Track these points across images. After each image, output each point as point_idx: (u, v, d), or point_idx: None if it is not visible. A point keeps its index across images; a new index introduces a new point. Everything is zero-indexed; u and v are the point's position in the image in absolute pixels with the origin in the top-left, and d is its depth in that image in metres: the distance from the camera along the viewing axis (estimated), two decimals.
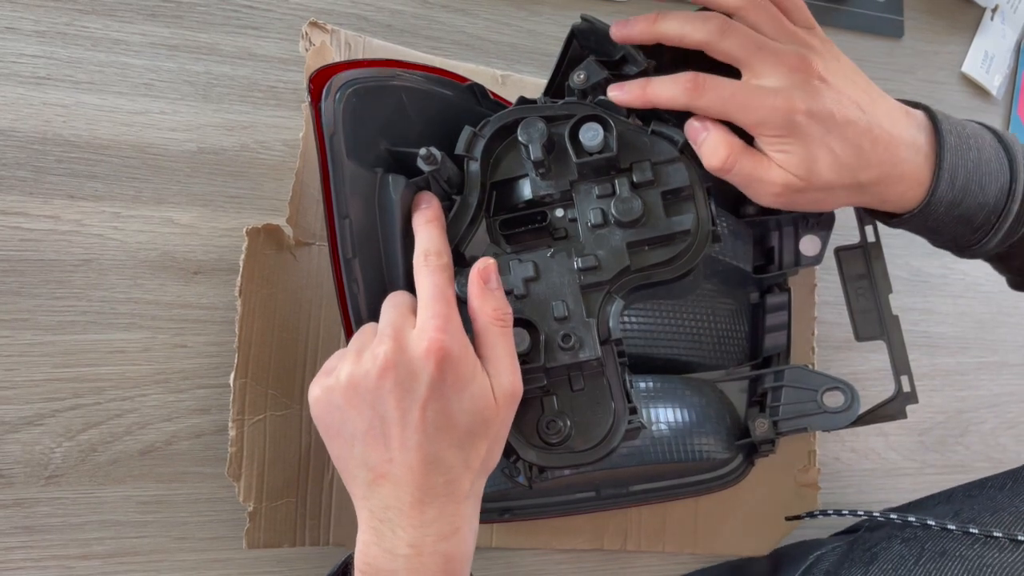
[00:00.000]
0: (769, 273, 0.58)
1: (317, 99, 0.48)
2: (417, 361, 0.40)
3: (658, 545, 0.61)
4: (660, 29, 0.46)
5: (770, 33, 0.46)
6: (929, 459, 0.74)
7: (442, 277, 0.43)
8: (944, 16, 0.80)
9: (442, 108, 0.50)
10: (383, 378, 0.39)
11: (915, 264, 0.75)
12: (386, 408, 0.39)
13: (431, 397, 0.39)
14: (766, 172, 0.46)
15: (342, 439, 0.41)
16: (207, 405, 0.54)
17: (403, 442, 0.39)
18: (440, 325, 0.40)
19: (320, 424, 0.42)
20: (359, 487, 0.41)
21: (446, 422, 0.40)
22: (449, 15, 0.63)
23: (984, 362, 0.77)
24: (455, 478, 0.40)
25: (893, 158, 0.46)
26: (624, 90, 0.47)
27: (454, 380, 0.40)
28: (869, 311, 0.56)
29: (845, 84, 0.46)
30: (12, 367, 0.51)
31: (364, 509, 0.41)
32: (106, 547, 0.52)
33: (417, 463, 0.39)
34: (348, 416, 0.40)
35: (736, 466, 0.55)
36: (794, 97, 0.44)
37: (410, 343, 0.40)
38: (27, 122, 0.53)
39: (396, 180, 0.49)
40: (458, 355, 0.40)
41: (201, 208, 0.55)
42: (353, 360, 0.41)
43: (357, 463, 0.41)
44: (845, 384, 0.54)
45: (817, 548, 0.59)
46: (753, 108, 0.44)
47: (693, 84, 0.45)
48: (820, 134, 0.44)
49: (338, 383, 0.41)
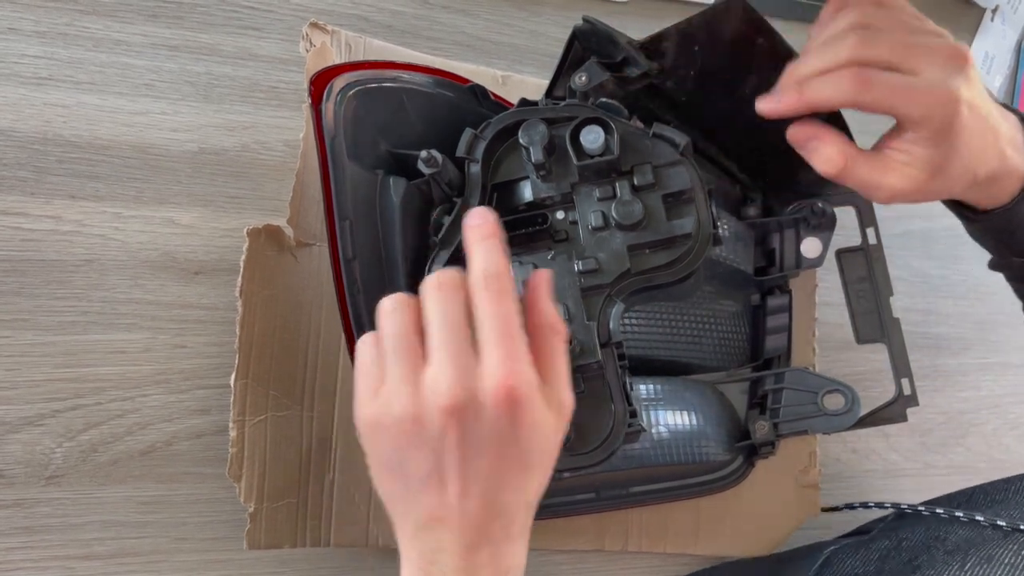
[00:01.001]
0: (770, 275, 0.58)
1: (318, 101, 0.48)
2: (487, 407, 0.36)
3: (659, 546, 0.61)
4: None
5: (901, 30, 0.44)
6: (931, 460, 0.74)
7: (509, 305, 0.38)
8: (944, 17, 0.80)
9: (443, 109, 0.50)
10: (447, 423, 0.36)
11: (916, 265, 0.75)
12: (448, 454, 0.36)
13: (499, 446, 0.37)
14: (882, 177, 0.44)
15: (396, 477, 0.38)
16: (208, 406, 0.54)
17: (464, 490, 0.37)
18: (514, 368, 0.36)
19: (372, 456, 0.39)
20: (409, 526, 0.38)
21: (511, 468, 0.37)
22: (450, 16, 0.63)
23: (986, 363, 0.77)
24: (512, 520, 0.38)
25: (1004, 154, 0.46)
26: (777, 99, 0.44)
27: (525, 425, 0.37)
28: (870, 313, 0.56)
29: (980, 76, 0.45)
30: (13, 367, 0.51)
31: (412, 549, 0.38)
32: (106, 547, 0.52)
33: (477, 510, 0.37)
34: (407, 456, 0.37)
35: (736, 468, 0.55)
36: (960, 88, 0.43)
37: (479, 383, 0.36)
38: (28, 122, 0.53)
39: (397, 182, 0.49)
40: (529, 398, 0.37)
41: (202, 208, 0.55)
42: (408, 389, 0.37)
43: (410, 504, 0.38)
44: (845, 386, 0.54)
45: (827, 546, 0.59)
46: (921, 102, 0.42)
47: (859, 79, 0.42)
48: (973, 128, 0.43)
49: (393, 418, 0.37)
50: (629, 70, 0.48)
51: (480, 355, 0.37)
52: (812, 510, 0.63)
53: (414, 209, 0.49)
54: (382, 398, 0.38)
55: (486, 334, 0.37)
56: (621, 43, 0.48)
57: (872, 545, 0.54)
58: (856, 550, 0.54)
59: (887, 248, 0.57)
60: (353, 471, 0.53)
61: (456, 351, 0.37)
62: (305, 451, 0.53)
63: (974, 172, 0.45)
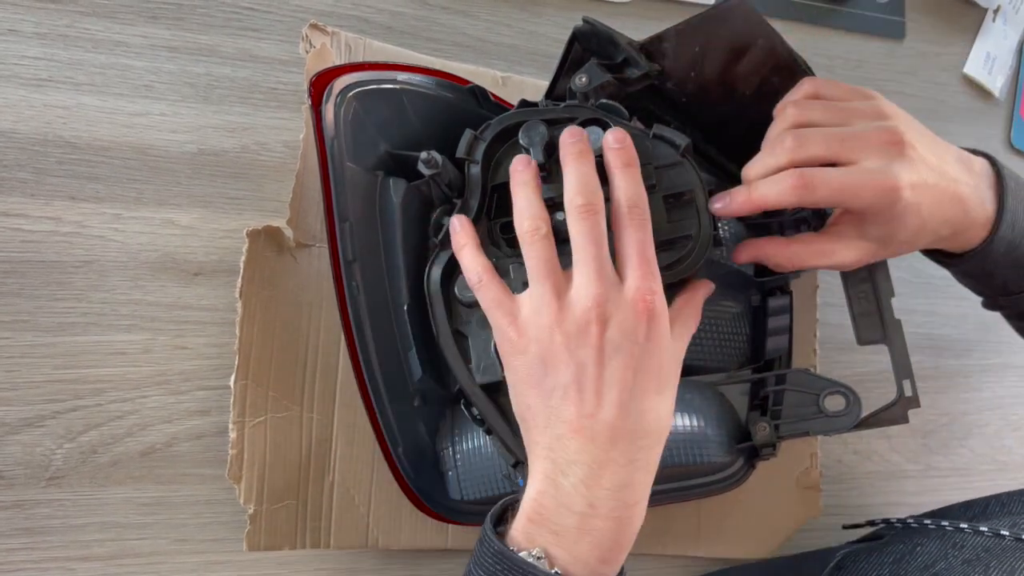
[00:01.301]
0: (771, 276, 0.57)
1: (318, 102, 0.48)
2: (626, 312, 0.40)
3: (660, 547, 0.61)
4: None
5: (838, 121, 0.47)
6: (933, 461, 0.73)
7: (650, 233, 0.43)
8: (945, 17, 0.80)
9: (443, 110, 0.50)
10: (590, 320, 0.40)
11: (918, 266, 0.75)
12: (588, 355, 0.39)
13: (635, 355, 0.40)
14: (834, 254, 0.49)
15: (538, 391, 0.41)
16: (207, 407, 0.54)
17: (601, 397, 0.39)
18: (652, 286, 0.41)
19: (514, 376, 0.42)
20: (546, 437, 0.40)
21: (646, 381, 0.40)
22: (450, 17, 0.63)
23: (988, 364, 0.77)
24: (648, 445, 0.40)
25: (965, 209, 0.48)
26: (727, 201, 0.47)
27: (658, 338, 0.40)
28: (871, 315, 0.56)
29: (924, 145, 0.47)
30: (13, 368, 0.51)
31: (546, 460, 0.40)
32: (106, 549, 0.52)
33: (612, 420, 0.39)
34: (549, 366, 0.40)
35: (737, 469, 0.55)
36: (899, 174, 0.45)
37: (621, 292, 0.41)
38: (28, 124, 0.53)
39: (397, 183, 0.49)
40: (663, 315, 0.41)
41: (202, 210, 0.55)
42: (555, 302, 0.41)
43: (550, 415, 0.40)
44: (847, 388, 0.53)
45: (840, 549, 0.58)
46: (864, 195, 0.45)
47: (801, 182, 0.45)
48: (919, 204, 0.46)
49: (540, 328, 0.41)
50: (629, 71, 0.48)
51: (622, 272, 0.42)
52: (813, 512, 0.63)
53: (414, 210, 0.49)
54: (527, 316, 0.41)
55: (629, 255, 0.42)
56: (621, 44, 0.48)
57: (886, 549, 0.54)
58: (869, 554, 0.54)
59: None
60: (353, 472, 0.53)
61: (600, 266, 0.41)
62: (305, 452, 0.53)
63: (934, 232, 0.48)
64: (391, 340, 0.49)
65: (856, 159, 0.45)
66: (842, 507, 0.69)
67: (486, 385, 0.47)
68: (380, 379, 0.49)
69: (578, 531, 0.39)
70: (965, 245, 0.50)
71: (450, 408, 0.53)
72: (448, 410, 0.53)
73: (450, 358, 0.48)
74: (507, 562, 0.38)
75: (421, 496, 0.51)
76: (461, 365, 0.47)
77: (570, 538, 0.39)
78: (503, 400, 0.47)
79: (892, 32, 0.77)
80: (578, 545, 0.39)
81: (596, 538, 0.39)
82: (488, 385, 0.47)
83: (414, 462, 0.51)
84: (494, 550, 0.39)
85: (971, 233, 0.49)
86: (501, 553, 0.39)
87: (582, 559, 0.39)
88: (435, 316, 0.48)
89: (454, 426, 0.52)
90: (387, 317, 0.49)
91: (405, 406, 0.50)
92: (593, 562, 0.39)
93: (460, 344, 0.48)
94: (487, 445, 0.51)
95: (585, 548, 0.39)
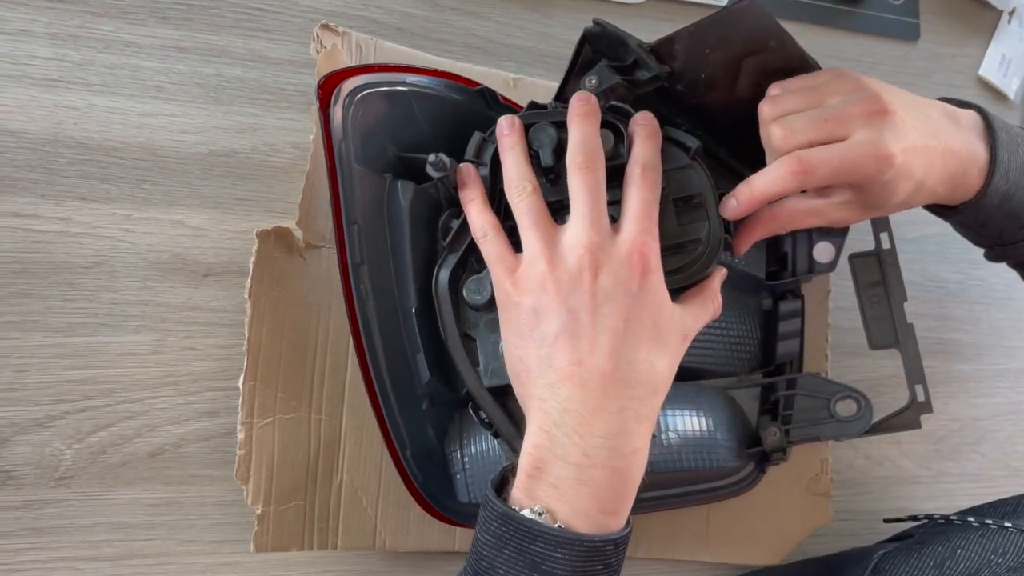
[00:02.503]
0: (782, 279, 0.57)
1: (326, 105, 0.47)
2: (619, 261, 0.40)
3: (669, 552, 0.60)
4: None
5: (814, 103, 0.46)
6: (945, 467, 0.73)
7: (658, 197, 0.43)
8: (960, 19, 0.79)
9: (452, 113, 0.50)
10: (582, 266, 0.40)
11: (931, 270, 0.74)
12: (581, 301, 0.40)
13: (627, 304, 0.40)
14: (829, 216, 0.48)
15: (531, 339, 0.41)
16: (216, 408, 0.54)
17: (594, 343, 0.40)
18: (648, 240, 0.41)
19: (509, 326, 0.43)
20: (538, 388, 0.41)
21: (639, 331, 0.40)
22: (460, 18, 0.63)
23: (1001, 369, 0.76)
24: (640, 396, 0.40)
25: (958, 163, 0.47)
26: (734, 204, 0.46)
27: (651, 291, 0.41)
28: (883, 319, 0.55)
29: (909, 110, 0.46)
30: (22, 368, 0.51)
31: (539, 411, 0.41)
32: (115, 549, 0.52)
33: (605, 366, 0.39)
34: (542, 314, 0.41)
35: (747, 474, 0.55)
36: (888, 142, 0.44)
37: (614, 243, 0.41)
38: (39, 124, 0.53)
39: (405, 186, 0.49)
40: (657, 269, 0.41)
41: (211, 210, 0.55)
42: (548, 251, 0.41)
43: (542, 364, 0.41)
44: (858, 393, 0.53)
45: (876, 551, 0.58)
46: (861, 168, 0.45)
47: (799, 167, 0.45)
48: (911, 167, 0.45)
49: (534, 277, 0.41)
50: (639, 73, 0.48)
51: (619, 225, 0.42)
52: (823, 519, 0.63)
53: (422, 213, 0.49)
54: (523, 266, 0.42)
55: (631, 210, 0.42)
56: (631, 46, 0.47)
57: (924, 551, 0.53)
58: (908, 556, 0.54)
59: (902, 253, 0.56)
60: (361, 474, 0.53)
61: (596, 218, 0.41)
62: (313, 454, 0.53)
63: (930, 191, 0.48)
64: (399, 343, 0.49)
65: (845, 134, 0.45)
66: (852, 512, 0.68)
67: (494, 388, 0.47)
68: (388, 382, 0.49)
69: (576, 482, 0.39)
70: (960, 198, 0.49)
71: (458, 411, 0.53)
72: (456, 413, 0.53)
73: (458, 361, 0.48)
74: (511, 523, 0.39)
75: (429, 499, 0.51)
76: (469, 368, 0.47)
77: (569, 490, 0.39)
78: (511, 404, 0.47)
79: (906, 34, 0.77)
80: (577, 497, 0.39)
81: (594, 489, 0.39)
82: (496, 389, 0.47)
83: (422, 465, 0.50)
84: (498, 513, 0.39)
85: (965, 186, 0.49)
86: (505, 515, 0.39)
87: (583, 511, 0.39)
88: (443, 319, 0.48)
89: (462, 429, 0.52)
90: (395, 320, 0.49)
91: (413, 409, 0.50)
92: (595, 514, 0.39)
93: (468, 347, 0.48)
94: (495, 448, 0.51)
95: (585, 500, 0.39)
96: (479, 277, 0.47)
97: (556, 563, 0.38)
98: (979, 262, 0.58)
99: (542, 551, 0.38)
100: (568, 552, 0.38)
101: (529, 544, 0.38)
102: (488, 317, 0.48)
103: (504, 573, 0.39)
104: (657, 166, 0.44)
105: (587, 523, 0.39)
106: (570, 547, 0.38)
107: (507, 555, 0.39)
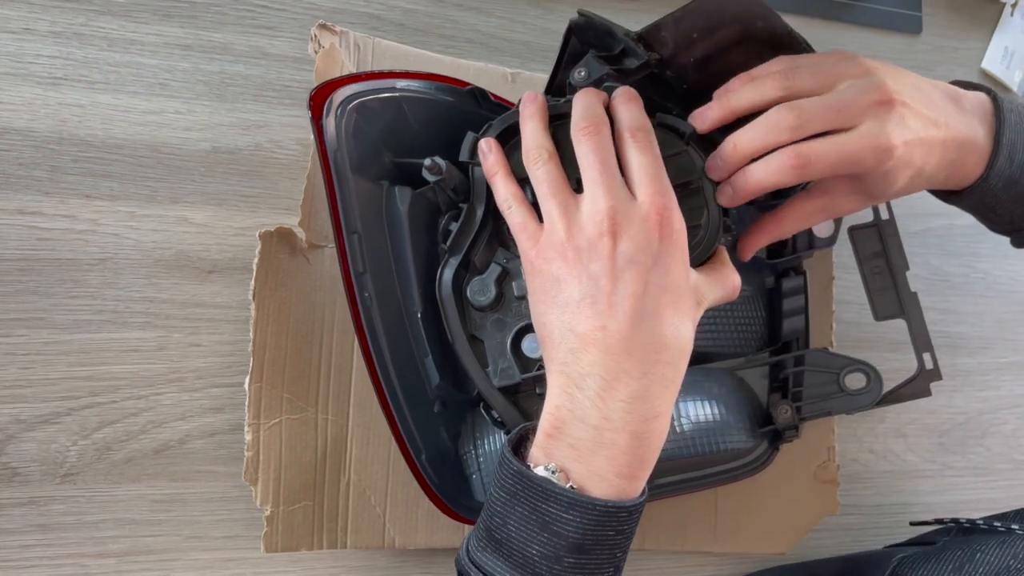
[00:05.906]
0: (783, 257, 0.57)
1: (318, 117, 0.47)
2: (639, 223, 0.40)
3: (677, 543, 0.60)
4: (734, 105, 0.46)
5: (827, 85, 0.46)
6: (949, 461, 0.73)
7: (659, 155, 0.43)
8: (963, 12, 0.79)
9: (444, 114, 0.50)
10: (602, 231, 0.40)
11: (935, 263, 0.74)
12: (601, 267, 0.40)
13: (648, 267, 0.40)
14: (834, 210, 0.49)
15: (553, 305, 0.41)
16: (221, 404, 0.54)
17: (613, 307, 0.39)
18: (667, 202, 0.41)
19: (534, 294, 0.43)
20: (560, 352, 0.41)
21: (660, 294, 0.40)
22: (463, 13, 0.63)
23: (1006, 362, 0.76)
24: (665, 360, 0.40)
25: (958, 148, 0.47)
26: (729, 192, 0.46)
27: (674, 252, 0.40)
28: (886, 290, 0.55)
29: (914, 97, 0.46)
30: (28, 365, 0.51)
31: (561, 374, 0.41)
32: (120, 545, 0.52)
33: (625, 330, 0.39)
34: (563, 280, 0.41)
35: (760, 454, 0.54)
36: (891, 135, 0.44)
37: (633, 206, 0.41)
38: (43, 122, 0.53)
39: (402, 192, 0.49)
40: (680, 231, 0.41)
41: (215, 207, 0.56)
42: (567, 218, 0.41)
43: (565, 329, 0.40)
44: (867, 365, 0.53)
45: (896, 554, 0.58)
46: (861, 160, 0.45)
47: (799, 161, 0.44)
48: (910, 157, 0.45)
49: (554, 245, 0.41)
50: (628, 62, 0.48)
51: (634, 190, 0.41)
52: (831, 508, 0.63)
53: (421, 218, 0.49)
54: (544, 235, 0.42)
55: (639, 175, 0.42)
56: (619, 35, 0.47)
57: (944, 555, 0.53)
58: (927, 560, 0.53)
59: (906, 246, 0.56)
60: (369, 472, 0.53)
61: (610, 181, 0.41)
62: (320, 453, 0.53)
63: (929, 178, 0.48)
64: (407, 348, 0.49)
65: (852, 124, 0.45)
66: (858, 507, 0.68)
67: (504, 388, 0.47)
68: (399, 387, 0.49)
69: (594, 444, 0.39)
70: (960, 182, 0.49)
71: (470, 411, 0.53)
72: (468, 413, 0.53)
73: (467, 363, 0.48)
74: (524, 480, 0.39)
75: (447, 500, 0.51)
76: (478, 369, 0.47)
77: (586, 451, 0.39)
78: (522, 401, 0.47)
79: (909, 27, 0.77)
80: (594, 458, 0.39)
81: (612, 452, 0.39)
82: (506, 388, 0.47)
83: (438, 468, 0.50)
84: (513, 470, 0.39)
85: (964, 171, 0.48)
86: (519, 472, 0.39)
87: (599, 473, 0.39)
88: (449, 322, 0.48)
89: (475, 429, 0.52)
90: (401, 325, 0.49)
91: (425, 413, 0.50)
92: (611, 476, 0.39)
93: (476, 348, 0.48)
94: None
95: (601, 461, 0.39)
96: (482, 278, 0.48)
97: (567, 525, 0.38)
98: (983, 255, 0.58)
99: (554, 511, 0.38)
100: (580, 515, 0.38)
101: (542, 504, 0.38)
102: (494, 317, 0.48)
103: (516, 530, 0.39)
104: (645, 126, 0.43)
105: (602, 485, 0.39)
106: (582, 510, 0.38)
107: (520, 512, 0.39)
